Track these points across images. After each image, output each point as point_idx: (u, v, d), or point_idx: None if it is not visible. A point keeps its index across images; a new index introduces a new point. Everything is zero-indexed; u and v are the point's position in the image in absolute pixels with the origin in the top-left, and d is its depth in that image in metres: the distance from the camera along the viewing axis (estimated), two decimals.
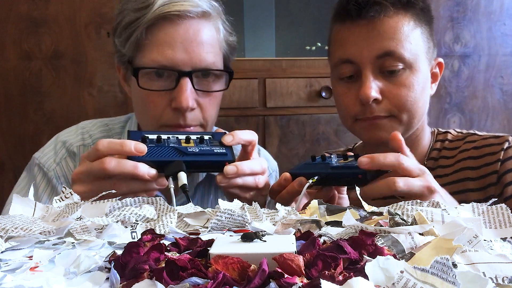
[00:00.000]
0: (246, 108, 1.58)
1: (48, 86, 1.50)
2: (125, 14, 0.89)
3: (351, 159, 0.76)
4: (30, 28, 1.48)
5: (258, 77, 1.59)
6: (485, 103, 1.77)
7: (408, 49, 0.88)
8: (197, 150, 0.73)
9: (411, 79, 0.89)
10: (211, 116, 0.92)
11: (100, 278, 0.38)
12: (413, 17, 0.90)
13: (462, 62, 1.73)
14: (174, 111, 0.87)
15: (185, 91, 0.85)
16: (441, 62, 0.99)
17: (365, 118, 0.91)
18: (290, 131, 1.62)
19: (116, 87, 1.53)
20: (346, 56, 0.91)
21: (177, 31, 0.86)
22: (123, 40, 0.89)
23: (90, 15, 1.50)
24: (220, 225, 0.53)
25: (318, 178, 0.72)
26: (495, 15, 1.74)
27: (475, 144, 0.96)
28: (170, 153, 0.72)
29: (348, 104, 0.92)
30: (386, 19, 0.88)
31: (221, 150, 0.74)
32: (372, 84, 0.88)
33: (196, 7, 0.87)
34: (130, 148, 0.68)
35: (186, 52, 0.86)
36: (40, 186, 0.95)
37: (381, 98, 0.89)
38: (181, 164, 0.70)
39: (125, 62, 0.92)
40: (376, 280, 0.34)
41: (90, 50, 1.51)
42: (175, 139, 0.75)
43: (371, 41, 0.88)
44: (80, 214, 0.54)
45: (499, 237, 0.46)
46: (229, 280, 0.34)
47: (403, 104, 0.89)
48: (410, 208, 0.53)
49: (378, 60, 0.88)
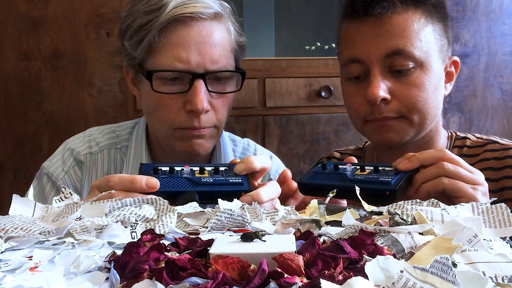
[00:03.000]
0: (246, 108, 1.58)
1: (48, 86, 1.50)
2: (135, 16, 0.88)
3: (369, 170, 0.71)
4: (29, 28, 1.48)
5: (257, 77, 1.59)
6: (485, 103, 1.77)
7: (418, 47, 0.85)
8: (211, 180, 0.69)
9: (422, 78, 0.86)
10: (224, 117, 0.92)
11: (100, 278, 0.38)
12: (424, 13, 0.87)
13: (461, 61, 1.72)
14: (188, 114, 0.87)
15: (199, 94, 0.85)
16: (456, 61, 0.95)
17: (374, 119, 0.87)
18: (290, 130, 1.62)
19: (116, 87, 1.53)
20: (354, 55, 0.88)
21: (190, 33, 0.86)
22: (134, 43, 0.88)
23: (89, 15, 1.50)
24: (220, 225, 0.53)
25: (337, 191, 0.66)
26: (494, 14, 1.74)
27: (496, 155, 0.91)
28: (183, 183, 0.68)
29: (356, 105, 0.90)
30: (394, 15, 0.85)
31: (237, 180, 0.70)
32: (381, 83, 0.85)
33: (208, 8, 0.87)
34: (141, 185, 0.64)
35: (200, 54, 0.86)
36: (49, 196, 0.94)
37: (391, 98, 0.86)
38: (193, 195, 0.66)
39: (135, 65, 0.91)
40: (376, 279, 0.34)
41: (90, 50, 1.51)
42: (188, 170, 0.71)
43: (379, 39, 0.85)
44: (79, 214, 0.54)
45: (499, 236, 0.46)
46: (229, 280, 0.34)
47: (414, 104, 0.86)
48: (409, 207, 0.53)
49: (387, 59, 0.85)
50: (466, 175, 0.67)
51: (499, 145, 0.93)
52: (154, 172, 0.69)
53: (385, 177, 0.67)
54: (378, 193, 0.65)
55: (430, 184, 0.67)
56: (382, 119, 0.87)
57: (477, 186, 0.67)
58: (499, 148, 0.92)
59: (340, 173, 0.71)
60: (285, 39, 1.84)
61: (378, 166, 0.71)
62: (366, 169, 0.71)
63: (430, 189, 0.67)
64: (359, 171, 0.71)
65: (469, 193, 0.66)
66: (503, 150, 0.91)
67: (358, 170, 0.72)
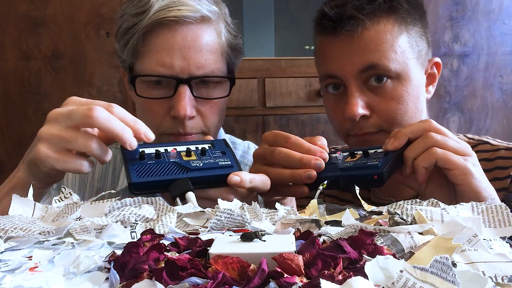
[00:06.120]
0: (246, 108, 1.58)
1: (48, 86, 1.50)
2: (124, 18, 0.86)
3: (359, 155, 0.70)
4: (29, 28, 1.48)
5: (257, 77, 1.59)
6: (485, 102, 1.77)
7: (393, 59, 0.82)
8: (201, 165, 0.67)
9: (400, 90, 0.83)
10: (213, 123, 0.88)
11: (99, 278, 0.38)
12: (398, 21, 0.83)
13: (461, 61, 1.73)
14: (173, 119, 0.84)
15: (183, 99, 0.82)
16: (438, 62, 0.92)
17: (356, 134, 0.85)
18: (290, 130, 1.62)
19: (115, 87, 1.53)
20: (329, 72, 0.86)
21: (174, 38, 0.83)
22: (121, 46, 0.87)
23: (89, 15, 1.50)
24: (220, 225, 0.53)
25: (328, 183, 0.66)
26: (494, 14, 1.74)
27: (487, 156, 0.89)
28: (173, 170, 0.66)
29: (337, 120, 0.87)
30: (365, 31, 0.82)
31: (226, 162, 0.69)
32: (358, 100, 0.82)
33: (195, 12, 0.83)
34: (140, 134, 0.64)
35: (184, 59, 0.83)
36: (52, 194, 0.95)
37: (370, 113, 0.83)
38: (187, 183, 0.64)
39: (126, 68, 0.90)
40: (375, 279, 0.34)
41: (89, 50, 1.51)
42: (175, 154, 0.70)
43: (352, 55, 0.82)
44: (79, 214, 0.54)
45: (499, 236, 0.46)
46: (228, 280, 0.34)
47: (393, 118, 0.83)
48: (409, 207, 0.53)
49: (362, 74, 0.82)
50: (454, 145, 0.66)
51: (489, 145, 0.91)
52: (140, 158, 0.67)
53: (373, 161, 0.66)
54: (367, 179, 0.64)
55: (422, 158, 0.66)
56: (362, 134, 0.84)
57: (467, 157, 0.66)
58: (490, 149, 0.90)
59: (332, 163, 0.70)
60: (284, 39, 1.84)
61: (367, 150, 0.69)
62: (356, 155, 0.70)
63: (424, 163, 0.66)
64: (349, 157, 0.70)
65: (461, 164, 0.65)
66: (494, 151, 0.89)
67: (348, 157, 0.71)
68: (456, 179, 0.66)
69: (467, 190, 0.65)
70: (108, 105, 0.64)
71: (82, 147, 0.62)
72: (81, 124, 0.62)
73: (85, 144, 0.62)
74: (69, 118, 0.62)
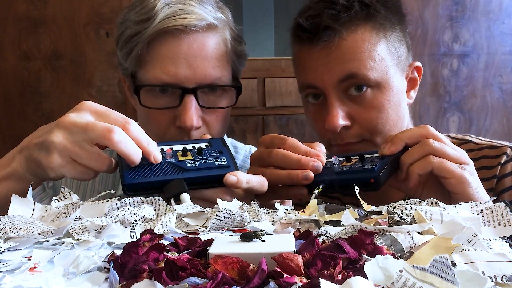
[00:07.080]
0: (245, 108, 1.58)
1: (47, 86, 1.50)
2: (126, 25, 0.84)
3: (355, 160, 0.70)
4: (29, 28, 1.48)
5: (257, 77, 1.59)
6: (484, 102, 1.77)
7: (372, 67, 0.80)
8: (197, 165, 0.66)
9: (381, 99, 0.82)
10: (218, 132, 0.87)
11: (99, 278, 0.38)
12: (375, 27, 0.82)
13: (461, 61, 1.73)
14: (178, 129, 0.83)
15: (189, 110, 0.81)
16: (419, 66, 0.90)
17: (337, 145, 0.84)
18: (290, 130, 1.62)
19: (115, 87, 1.53)
20: (308, 82, 0.84)
21: (180, 46, 0.81)
22: (124, 54, 0.85)
23: (89, 15, 1.50)
24: (219, 225, 0.53)
25: (323, 186, 0.66)
26: (494, 14, 1.74)
27: (471, 156, 0.86)
28: (168, 170, 0.65)
29: (319, 130, 0.86)
30: (342, 41, 0.80)
31: (223, 162, 0.68)
32: (339, 110, 0.80)
33: (200, 20, 0.82)
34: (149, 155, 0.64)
35: (190, 68, 0.81)
36: None
37: (351, 123, 0.82)
38: (182, 183, 0.63)
39: (128, 75, 0.88)
40: (375, 279, 0.35)
41: (89, 50, 1.51)
42: (171, 154, 0.69)
43: (330, 65, 0.81)
44: (79, 214, 0.54)
45: (498, 236, 0.46)
46: (228, 280, 0.34)
47: (374, 127, 0.82)
48: (409, 207, 0.53)
49: (341, 84, 0.81)
50: (452, 153, 0.66)
51: (473, 145, 0.90)
52: None
53: (370, 165, 0.66)
54: (363, 182, 0.63)
55: (418, 165, 0.66)
56: (344, 144, 0.83)
57: (464, 166, 0.66)
58: (474, 149, 0.89)
59: (328, 167, 0.69)
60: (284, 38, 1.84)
61: (363, 154, 0.69)
62: (352, 159, 0.70)
63: (419, 170, 0.66)
64: (345, 162, 0.70)
65: (458, 173, 0.65)
66: (478, 151, 0.88)
67: (344, 161, 0.70)
68: (452, 188, 0.66)
69: (463, 199, 0.65)
70: (124, 122, 0.64)
71: (94, 167, 0.63)
72: (97, 141, 0.62)
73: (97, 166, 0.63)
74: (85, 133, 0.61)
